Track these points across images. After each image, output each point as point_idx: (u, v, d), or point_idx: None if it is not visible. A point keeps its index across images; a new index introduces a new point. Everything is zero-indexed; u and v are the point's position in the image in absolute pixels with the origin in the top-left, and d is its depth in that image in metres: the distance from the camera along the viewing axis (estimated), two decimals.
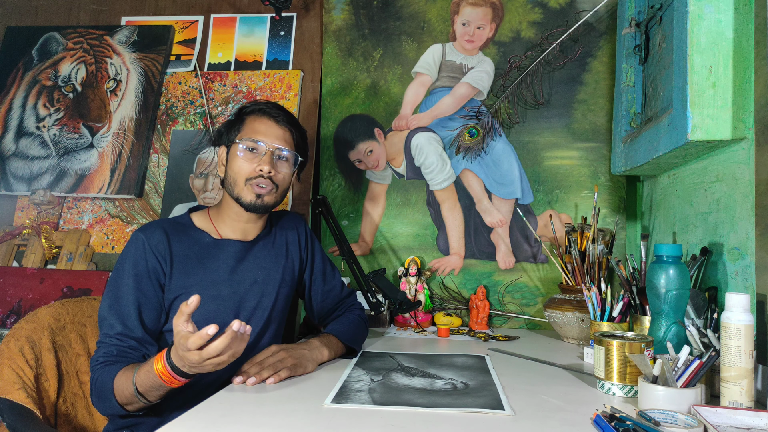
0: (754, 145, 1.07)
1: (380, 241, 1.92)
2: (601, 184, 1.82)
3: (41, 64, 2.08)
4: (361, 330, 1.37)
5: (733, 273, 1.14)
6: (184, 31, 2.09)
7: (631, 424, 0.78)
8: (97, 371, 1.05)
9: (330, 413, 0.88)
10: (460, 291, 1.86)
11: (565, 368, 1.22)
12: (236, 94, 1.98)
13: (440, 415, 0.87)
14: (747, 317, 0.89)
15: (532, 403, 0.94)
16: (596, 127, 1.84)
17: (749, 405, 0.88)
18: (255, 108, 1.28)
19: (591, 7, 1.85)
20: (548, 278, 1.83)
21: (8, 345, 1.10)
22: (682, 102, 1.15)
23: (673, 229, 1.47)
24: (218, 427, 0.81)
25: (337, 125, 1.97)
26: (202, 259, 1.21)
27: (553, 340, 1.59)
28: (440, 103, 1.93)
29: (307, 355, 1.16)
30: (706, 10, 1.13)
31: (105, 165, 1.95)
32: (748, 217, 1.09)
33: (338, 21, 2.00)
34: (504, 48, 1.92)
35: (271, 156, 1.23)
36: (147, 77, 2.03)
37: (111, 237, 1.90)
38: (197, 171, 1.92)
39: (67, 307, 1.25)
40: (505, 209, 1.87)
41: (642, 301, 1.29)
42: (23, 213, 1.96)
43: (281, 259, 1.33)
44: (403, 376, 1.11)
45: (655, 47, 1.50)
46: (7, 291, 1.78)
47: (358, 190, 1.95)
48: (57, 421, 1.13)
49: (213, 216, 1.29)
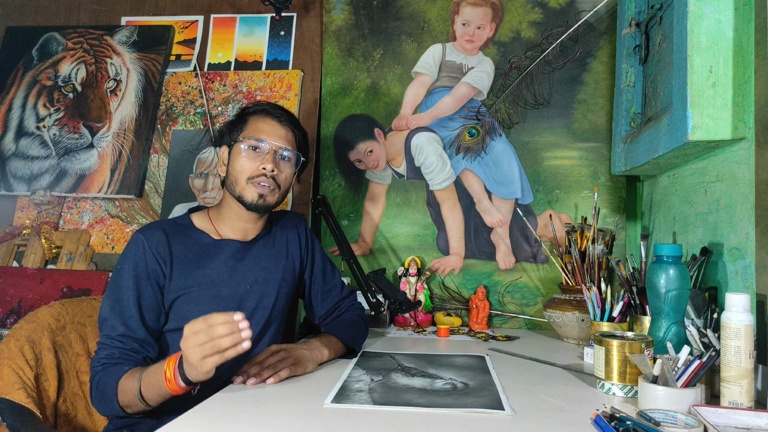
0: (754, 145, 1.07)
1: (380, 241, 1.92)
2: (601, 184, 1.82)
3: (41, 64, 2.08)
4: (361, 330, 1.37)
5: (733, 273, 1.14)
6: (184, 31, 2.09)
7: (631, 424, 0.78)
8: (99, 372, 1.05)
9: (330, 413, 0.88)
10: (460, 291, 1.86)
11: (565, 368, 1.22)
12: (236, 94, 1.98)
13: (440, 415, 0.87)
14: (747, 317, 0.89)
15: (532, 403, 0.94)
16: (596, 127, 1.84)
17: (749, 405, 0.88)
18: (258, 108, 1.28)
19: (591, 7, 1.85)
20: (548, 278, 1.83)
21: (8, 345, 1.10)
22: (682, 102, 1.15)
23: (673, 229, 1.47)
24: (218, 427, 0.81)
25: (337, 125, 1.97)
26: (202, 260, 1.21)
27: (553, 340, 1.59)
28: (440, 103, 1.93)
29: (307, 355, 1.16)
30: (706, 10, 1.13)
31: (105, 165, 1.95)
32: (748, 217, 1.09)
33: (338, 21, 2.00)
34: (504, 48, 1.92)
35: (274, 155, 1.24)
36: (147, 77, 2.03)
37: (111, 237, 1.90)
38: (197, 171, 1.92)
39: (67, 307, 1.25)
40: (505, 209, 1.87)
41: (642, 301, 1.29)
42: (23, 213, 1.96)
43: (281, 258, 1.33)
44: (403, 376, 1.11)
45: (655, 47, 1.50)
46: (7, 291, 1.78)
47: (358, 190, 1.95)
48: (57, 421, 1.13)
49: (213, 216, 1.29)
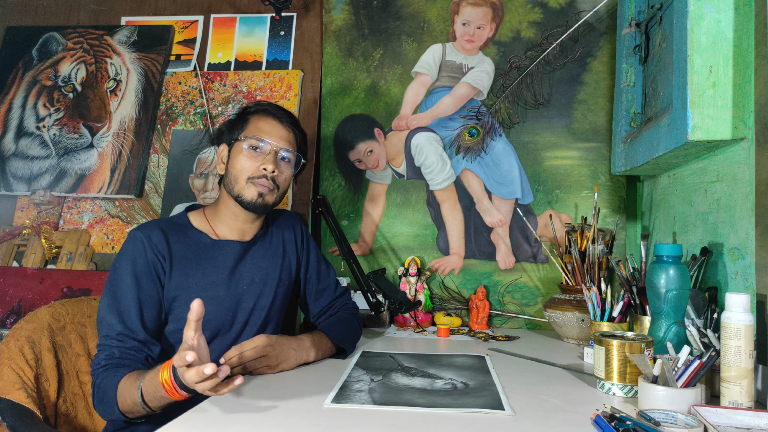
0: (754, 145, 1.07)
1: (380, 241, 1.92)
2: (601, 184, 1.82)
3: (41, 64, 2.08)
4: (354, 329, 1.37)
5: (733, 273, 1.14)
6: (184, 31, 2.09)
7: (631, 424, 0.78)
8: (100, 375, 1.03)
9: (330, 413, 0.88)
10: (460, 291, 1.86)
11: (565, 368, 1.22)
12: (236, 94, 1.98)
13: (440, 415, 0.87)
14: (747, 317, 0.89)
15: (532, 403, 0.94)
16: (596, 127, 1.84)
17: (749, 405, 0.88)
18: (259, 108, 1.28)
19: (591, 7, 1.85)
20: (548, 278, 1.83)
21: (8, 345, 1.10)
22: (682, 102, 1.15)
23: (673, 229, 1.47)
24: (218, 427, 0.81)
25: (337, 125, 1.97)
26: (200, 260, 1.21)
27: (553, 340, 1.59)
28: (440, 103, 1.93)
29: (293, 355, 1.17)
30: (706, 10, 1.13)
31: (105, 165, 1.95)
32: (748, 217, 1.09)
33: (338, 21, 2.00)
34: (504, 48, 1.92)
35: (275, 156, 1.23)
36: (147, 77, 2.03)
37: (111, 237, 1.90)
38: (197, 171, 1.92)
39: (67, 307, 1.25)
40: (505, 209, 1.87)
41: (642, 301, 1.29)
42: (23, 213, 1.96)
43: (278, 258, 1.33)
44: (403, 376, 1.11)
45: (655, 47, 1.50)
46: (7, 291, 1.78)
47: (358, 190, 1.95)
48: (57, 421, 1.13)
49: (209, 215, 1.28)
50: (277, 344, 1.15)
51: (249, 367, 1.11)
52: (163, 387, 0.93)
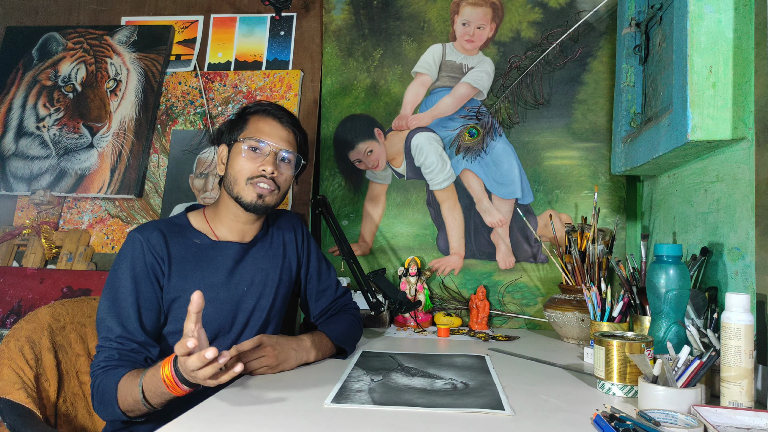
0: (754, 145, 1.07)
1: (380, 241, 1.92)
2: (601, 184, 1.82)
3: (41, 64, 2.08)
4: (355, 330, 1.37)
5: (733, 273, 1.14)
6: (184, 31, 2.09)
7: (631, 424, 0.78)
8: (99, 376, 1.04)
9: (330, 413, 0.88)
10: (460, 291, 1.86)
11: (565, 368, 1.22)
12: (236, 94, 1.98)
13: (440, 415, 0.87)
14: (747, 317, 0.89)
15: (532, 403, 0.94)
16: (596, 127, 1.84)
17: (749, 405, 0.88)
18: (259, 108, 1.27)
19: (591, 7, 1.85)
20: (548, 278, 1.83)
21: (8, 345, 1.10)
22: (682, 102, 1.15)
23: (673, 229, 1.47)
24: (218, 427, 0.81)
25: (337, 125, 1.97)
26: (199, 262, 1.20)
27: (553, 340, 1.59)
28: (440, 103, 1.93)
29: (293, 355, 1.17)
30: (706, 10, 1.13)
31: (105, 165, 1.95)
32: (748, 217, 1.09)
33: (338, 21, 2.00)
34: (504, 48, 1.92)
35: (275, 157, 1.23)
36: (147, 77, 2.03)
37: (111, 237, 1.90)
38: (197, 171, 1.92)
39: (66, 307, 1.25)
40: (505, 209, 1.87)
41: (642, 301, 1.29)
42: (23, 213, 1.96)
43: (279, 259, 1.33)
44: (403, 376, 1.11)
45: (655, 47, 1.50)
46: (7, 291, 1.78)
47: (358, 190, 1.95)
48: (57, 421, 1.13)
49: (209, 216, 1.28)
50: (277, 344, 1.15)
51: (249, 368, 1.11)
52: (164, 382, 0.94)
